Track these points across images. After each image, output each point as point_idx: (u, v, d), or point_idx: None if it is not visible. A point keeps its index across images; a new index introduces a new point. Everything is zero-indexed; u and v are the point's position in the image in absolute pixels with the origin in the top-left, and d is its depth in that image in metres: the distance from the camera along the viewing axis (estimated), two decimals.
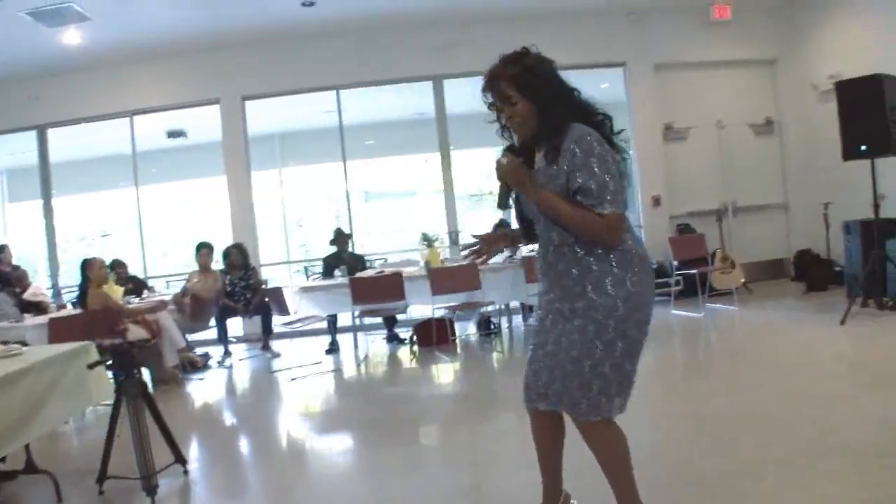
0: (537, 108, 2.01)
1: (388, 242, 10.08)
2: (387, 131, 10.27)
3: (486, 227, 7.07)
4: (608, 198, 1.92)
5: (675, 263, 7.38)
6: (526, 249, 7.72)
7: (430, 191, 9.46)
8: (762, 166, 8.99)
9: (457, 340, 6.67)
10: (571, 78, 2.09)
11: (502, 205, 2.11)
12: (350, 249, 7.63)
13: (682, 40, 8.51)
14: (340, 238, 7.30)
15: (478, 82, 2.11)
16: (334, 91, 8.41)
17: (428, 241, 6.75)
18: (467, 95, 8.70)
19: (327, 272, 7.09)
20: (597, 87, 8.88)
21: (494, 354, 6.34)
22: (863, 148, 5.81)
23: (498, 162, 2.04)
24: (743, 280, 7.91)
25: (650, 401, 4.16)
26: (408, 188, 10.80)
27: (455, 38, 7.91)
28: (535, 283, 6.13)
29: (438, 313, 6.55)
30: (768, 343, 5.64)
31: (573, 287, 2.03)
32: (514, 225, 2.30)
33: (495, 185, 2.14)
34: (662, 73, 8.52)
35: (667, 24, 8.44)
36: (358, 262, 7.33)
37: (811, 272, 7.99)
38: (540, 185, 2.01)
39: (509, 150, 2.13)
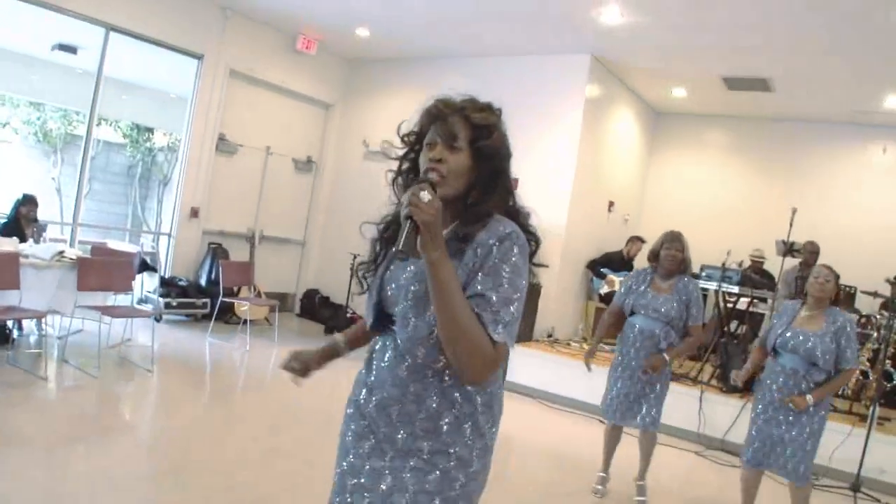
0: (475, 175, 1.74)
1: None
2: None
3: None
4: (506, 320, 1.63)
5: (222, 288, 8.00)
6: (75, 250, 7.47)
7: None
8: (293, 201, 10.38)
9: None
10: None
11: (410, 249, 1.56)
12: None
13: (263, 56, 9.29)
14: None
15: None
16: None
17: None
18: None
19: None
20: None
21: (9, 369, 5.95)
22: None
23: (417, 193, 1.56)
24: (267, 312, 9.10)
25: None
26: None
27: None
28: (90, 290, 6.19)
29: None
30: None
31: (423, 420, 1.73)
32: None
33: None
34: (235, 80, 9.11)
35: (255, 34, 9.14)
36: None
37: (325, 313, 9.74)
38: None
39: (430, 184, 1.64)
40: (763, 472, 4.27)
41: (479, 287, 1.64)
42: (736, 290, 7.38)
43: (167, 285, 8.40)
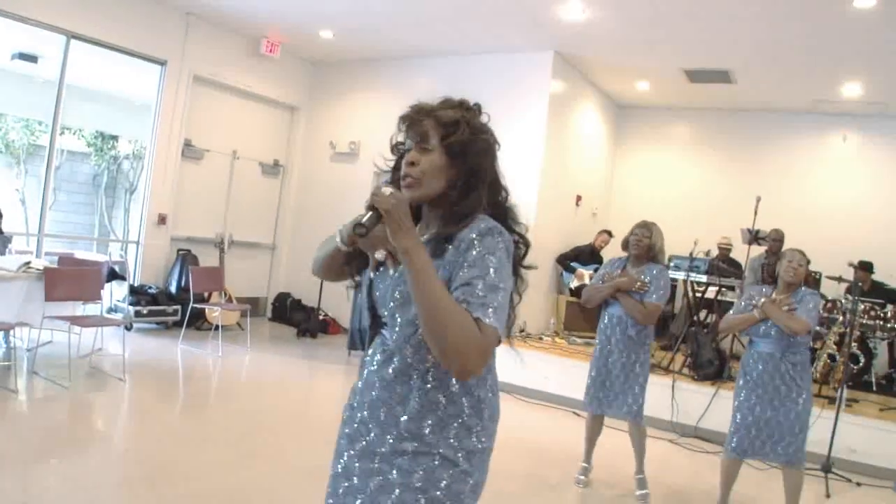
0: (454, 173, 1.74)
1: None
2: None
3: None
4: (494, 305, 1.58)
5: (192, 294, 7.91)
6: (41, 261, 7.35)
7: None
8: (261, 205, 10.31)
9: None
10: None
11: (363, 230, 1.61)
12: None
13: (227, 60, 9.22)
14: None
15: None
16: None
17: None
18: None
19: None
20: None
21: None
22: None
23: (380, 190, 1.62)
24: (238, 317, 9.04)
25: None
26: None
27: None
28: (58, 301, 6.09)
29: None
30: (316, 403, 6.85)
31: (406, 422, 1.73)
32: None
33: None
34: (199, 85, 9.02)
35: (218, 38, 9.07)
36: None
37: (297, 316, 9.69)
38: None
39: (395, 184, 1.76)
40: (744, 460, 4.33)
41: (463, 276, 1.61)
42: (704, 279, 7.46)
43: (137, 293, 8.30)
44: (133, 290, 8.32)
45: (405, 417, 1.73)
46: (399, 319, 1.72)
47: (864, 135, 9.25)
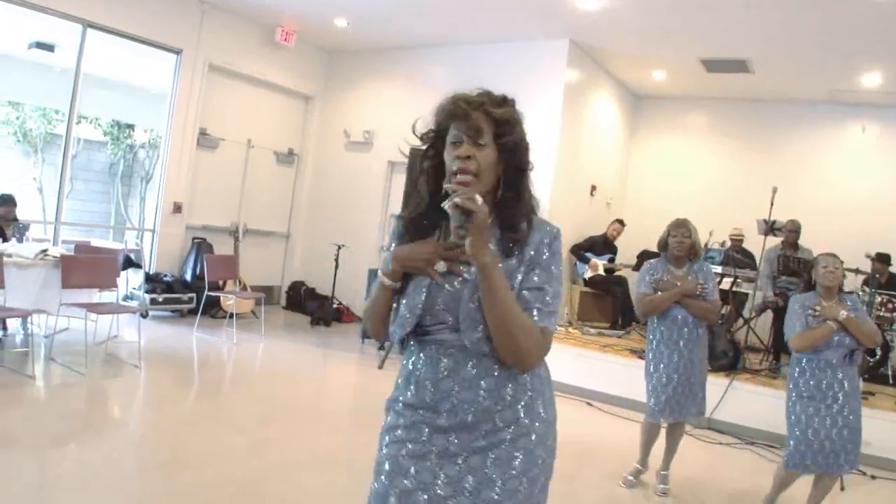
0: (500, 169, 1.77)
1: None
2: None
3: None
4: (556, 311, 1.77)
5: (207, 282, 7.97)
6: (57, 250, 7.40)
7: None
8: (276, 194, 10.34)
9: None
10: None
11: (465, 232, 1.64)
12: None
13: (242, 49, 9.24)
14: None
15: None
16: None
17: None
18: None
19: None
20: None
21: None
22: None
23: (472, 196, 1.63)
24: (253, 305, 9.09)
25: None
26: None
27: None
28: (74, 288, 6.13)
29: None
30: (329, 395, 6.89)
31: (501, 411, 1.76)
32: None
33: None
34: (214, 74, 9.04)
35: (233, 27, 9.07)
36: None
37: (310, 305, 9.72)
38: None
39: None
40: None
41: (535, 280, 1.75)
42: (719, 269, 7.41)
43: (152, 281, 8.35)
44: (148, 278, 8.37)
45: (500, 408, 1.76)
46: (482, 320, 1.72)
47: (883, 125, 9.14)
